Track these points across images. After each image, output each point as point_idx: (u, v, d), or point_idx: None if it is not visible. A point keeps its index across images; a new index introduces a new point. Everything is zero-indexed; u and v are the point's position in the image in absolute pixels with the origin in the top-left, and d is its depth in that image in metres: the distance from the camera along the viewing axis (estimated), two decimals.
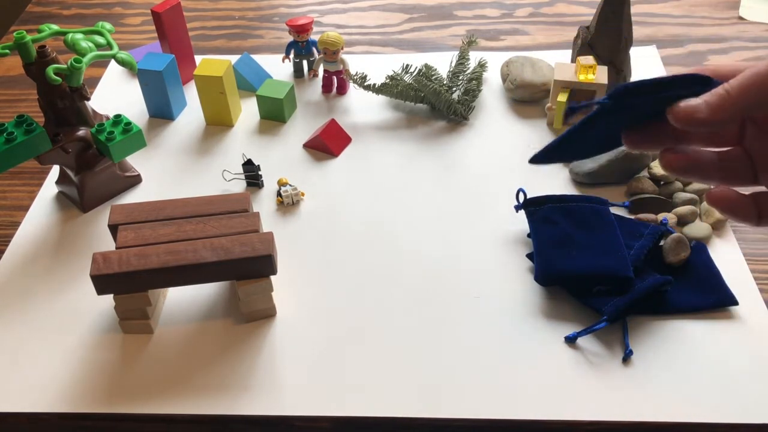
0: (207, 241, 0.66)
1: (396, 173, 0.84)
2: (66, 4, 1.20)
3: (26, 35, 0.73)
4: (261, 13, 1.17)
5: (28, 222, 0.80)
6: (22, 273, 0.75)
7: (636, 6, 1.10)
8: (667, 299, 0.68)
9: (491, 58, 0.99)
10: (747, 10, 1.09)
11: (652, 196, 0.76)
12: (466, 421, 0.61)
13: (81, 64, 0.72)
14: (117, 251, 0.65)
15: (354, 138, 0.89)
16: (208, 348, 0.67)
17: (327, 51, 0.92)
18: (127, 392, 0.64)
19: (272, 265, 0.65)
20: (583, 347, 0.65)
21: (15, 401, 0.64)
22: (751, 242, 0.74)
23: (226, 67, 0.88)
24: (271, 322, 0.69)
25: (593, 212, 0.71)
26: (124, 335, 0.68)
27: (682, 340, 0.65)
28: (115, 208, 0.70)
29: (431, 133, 0.90)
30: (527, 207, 0.73)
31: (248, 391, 0.63)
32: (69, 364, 0.66)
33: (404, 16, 1.14)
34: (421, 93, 0.90)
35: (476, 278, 0.71)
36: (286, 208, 0.80)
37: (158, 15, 0.92)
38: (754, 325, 0.66)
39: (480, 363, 0.64)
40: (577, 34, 0.92)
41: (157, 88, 0.90)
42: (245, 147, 0.88)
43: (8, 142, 0.71)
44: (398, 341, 0.66)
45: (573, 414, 0.60)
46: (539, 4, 1.15)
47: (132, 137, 0.75)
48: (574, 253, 0.68)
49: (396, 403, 0.62)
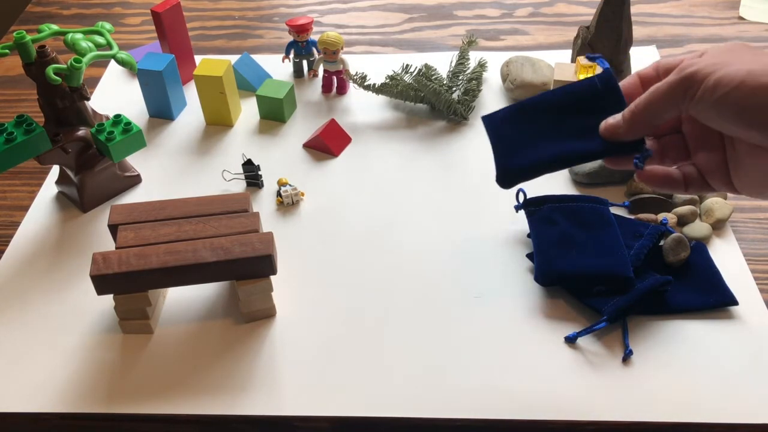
0: (207, 241, 0.66)
1: (396, 173, 0.84)
2: (66, 4, 1.20)
3: (26, 35, 0.73)
4: (261, 13, 1.17)
5: (28, 222, 0.80)
6: (22, 273, 0.75)
7: (636, 6, 1.10)
8: (667, 299, 0.68)
9: (491, 58, 0.99)
10: (747, 10, 1.09)
11: (652, 196, 0.76)
12: (466, 421, 0.61)
13: (81, 64, 0.72)
14: (117, 251, 0.65)
15: (354, 138, 0.89)
16: (208, 348, 0.67)
17: (327, 51, 0.92)
18: (127, 392, 0.64)
19: (272, 265, 0.65)
20: (583, 347, 0.65)
21: (15, 401, 0.64)
22: (751, 242, 0.74)
23: (226, 67, 0.88)
24: (271, 322, 0.69)
25: (593, 212, 0.71)
26: (124, 335, 0.68)
27: (682, 340, 0.65)
28: (115, 208, 0.70)
29: (431, 133, 0.90)
30: (527, 207, 0.73)
31: (248, 392, 0.63)
32: (69, 364, 0.66)
33: (404, 16, 1.14)
34: (421, 93, 0.90)
35: (476, 278, 0.71)
36: (286, 208, 0.80)
37: (158, 15, 0.92)
38: (754, 325, 0.66)
39: (480, 363, 0.64)
40: (577, 34, 0.92)
41: (157, 88, 0.90)
42: (245, 147, 0.88)
43: (8, 142, 0.71)
44: (398, 341, 0.66)
45: (573, 414, 0.60)
46: (539, 4, 1.15)
47: (132, 137, 0.75)
48: (574, 253, 0.68)
49: (396, 403, 0.62)
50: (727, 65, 0.46)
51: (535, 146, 0.57)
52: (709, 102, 0.46)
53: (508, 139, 0.58)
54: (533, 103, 0.58)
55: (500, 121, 0.59)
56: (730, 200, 0.77)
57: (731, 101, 0.45)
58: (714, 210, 0.74)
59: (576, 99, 0.56)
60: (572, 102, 0.56)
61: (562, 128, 0.56)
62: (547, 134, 0.56)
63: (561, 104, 0.57)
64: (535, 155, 0.56)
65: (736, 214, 0.76)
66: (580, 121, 0.55)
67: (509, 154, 0.57)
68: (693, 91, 0.47)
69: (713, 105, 0.46)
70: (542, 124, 0.57)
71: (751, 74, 0.45)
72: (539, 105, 0.57)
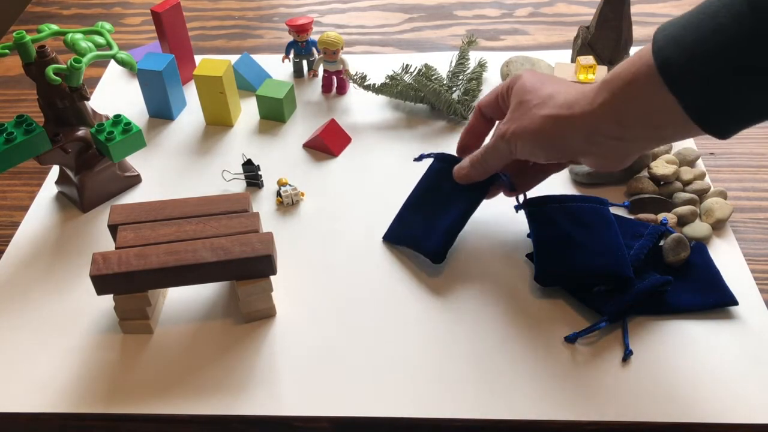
0: (207, 241, 0.66)
1: (396, 173, 0.84)
2: (66, 4, 1.20)
3: (26, 35, 0.73)
4: (261, 13, 1.17)
5: (28, 222, 0.80)
6: (22, 273, 0.75)
7: (636, 6, 1.10)
8: (667, 299, 0.68)
9: (491, 58, 0.99)
10: None
11: (652, 196, 0.76)
12: (466, 421, 0.61)
13: (81, 64, 0.72)
14: (117, 251, 0.65)
15: (354, 138, 0.89)
16: (208, 348, 0.67)
17: (327, 51, 0.92)
18: (127, 392, 0.64)
19: (272, 265, 0.65)
20: (583, 347, 0.65)
21: (15, 401, 0.64)
22: (751, 242, 0.74)
23: (226, 67, 0.88)
24: (270, 322, 0.69)
25: (593, 212, 0.71)
26: (124, 335, 0.68)
27: (682, 340, 0.65)
28: (114, 208, 0.70)
29: (431, 133, 0.90)
30: (527, 207, 0.73)
31: (248, 392, 0.63)
32: (69, 364, 0.66)
33: (404, 16, 1.14)
34: (421, 93, 0.90)
35: (476, 278, 0.71)
36: (286, 208, 0.80)
37: (158, 15, 0.92)
38: (754, 325, 0.66)
39: (480, 363, 0.64)
40: (577, 34, 0.92)
41: (157, 88, 0.90)
42: (245, 147, 0.88)
43: (8, 142, 0.71)
44: (398, 341, 0.66)
45: (573, 414, 0.60)
46: (539, 4, 1.15)
47: (132, 137, 0.75)
48: (574, 253, 0.68)
49: (396, 403, 0.62)
50: (521, 119, 0.62)
51: (438, 225, 0.72)
52: (522, 153, 0.63)
53: (411, 232, 0.74)
54: (413, 199, 0.75)
55: (398, 228, 0.75)
56: (730, 200, 0.77)
57: (532, 148, 0.63)
58: (714, 210, 0.74)
59: (435, 180, 0.74)
60: (433, 183, 0.74)
61: (442, 201, 0.73)
62: (438, 212, 0.73)
63: (427, 189, 0.75)
64: (442, 227, 0.71)
65: (736, 214, 0.76)
66: (446, 193, 0.73)
67: (426, 239, 0.72)
68: (511, 147, 0.63)
69: (526, 154, 0.63)
70: (427, 209, 0.74)
71: (538, 124, 0.61)
72: (415, 199, 0.75)
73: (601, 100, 0.56)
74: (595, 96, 0.56)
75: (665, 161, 0.79)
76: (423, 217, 0.74)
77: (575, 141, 0.59)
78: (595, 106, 0.56)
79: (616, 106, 0.55)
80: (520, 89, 0.64)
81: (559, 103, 0.59)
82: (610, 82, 0.56)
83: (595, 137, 0.58)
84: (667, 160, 0.79)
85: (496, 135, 0.65)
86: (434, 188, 0.74)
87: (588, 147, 0.59)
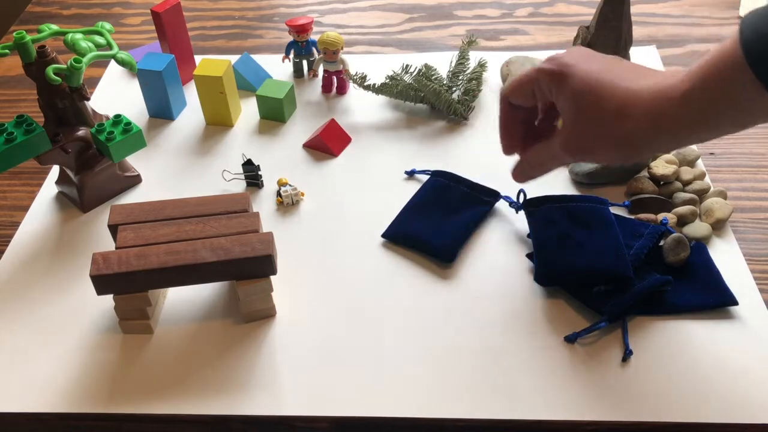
0: (207, 241, 0.66)
1: (396, 173, 0.84)
2: (66, 4, 1.20)
3: (26, 35, 0.73)
4: (261, 13, 1.17)
5: (28, 222, 0.80)
6: (22, 273, 0.75)
7: (636, 6, 1.10)
8: (667, 299, 0.68)
9: (491, 58, 0.99)
10: (747, 11, 1.08)
11: (652, 196, 0.76)
12: (466, 421, 0.61)
13: (81, 64, 0.72)
14: (117, 251, 0.65)
15: (354, 138, 0.89)
16: (208, 348, 0.67)
17: (327, 51, 0.92)
18: (127, 392, 0.64)
19: (272, 265, 0.65)
20: (583, 347, 0.65)
21: (15, 401, 0.64)
22: (751, 242, 0.74)
23: (226, 67, 0.88)
24: (270, 322, 0.69)
25: (593, 212, 0.71)
26: (124, 335, 0.68)
27: (682, 340, 0.65)
28: (114, 208, 0.70)
29: (431, 133, 0.90)
30: (527, 207, 0.73)
31: (248, 392, 0.63)
32: (69, 364, 0.66)
33: (404, 16, 1.14)
34: (421, 93, 0.90)
35: (476, 278, 0.71)
36: (286, 208, 0.80)
37: (158, 15, 0.92)
38: (754, 325, 0.66)
39: (480, 363, 0.64)
40: (577, 34, 0.92)
41: (157, 88, 0.90)
42: (245, 147, 0.88)
43: (8, 142, 0.71)
44: (398, 341, 0.66)
45: (573, 414, 0.60)
46: (539, 4, 1.14)
47: (132, 137, 0.75)
48: (574, 253, 0.68)
49: (396, 403, 0.62)
50: (597, 139, 0.56)
51: (447, 227, 0.74)
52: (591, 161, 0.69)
53: (416, 233, 0.75)
54: (417, 203, 0.78)
55: (400, 228, 0.75)
56: (730, 200, 0.77)
57: (609, 160, 0.63)
58: (714, 210, 0.74)
59: (441, 192, 0.78)
60: (438, 194, 0.78)
61: (451, 208, 0.77)
62: (446, 216, 0.75)
63: (432, 197, 0.78)
64: (452, 229, 0.74)
65: (736, 214, 0.76)
66: (454, 202, 0.77)
67: (437, 236, 0.74)
68: (578, 159, 0.60)
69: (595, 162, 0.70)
70: (434, 213, 0.76)
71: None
72: (420, 203, 0.78)
73: (695, 113, 0.51)
74: (686, 105, 0.51)
75: (665, 161, 0.79)
76: (430, 219, 0.75)
77: (656, 146, 0.55)
78: (685, 117, 0.52)
79: (706, 112, 0.51)
80: (583, 91, 0.56)
81: (642, 111, 0.53)
82: (701, 89, 0.50)
83: (679, 141, 0.55)
84: (667, 160, 0.79)
85: (562, 149, 0.58)
86: (440, 197, 0.78)
87: (658, 148, 0.56)
